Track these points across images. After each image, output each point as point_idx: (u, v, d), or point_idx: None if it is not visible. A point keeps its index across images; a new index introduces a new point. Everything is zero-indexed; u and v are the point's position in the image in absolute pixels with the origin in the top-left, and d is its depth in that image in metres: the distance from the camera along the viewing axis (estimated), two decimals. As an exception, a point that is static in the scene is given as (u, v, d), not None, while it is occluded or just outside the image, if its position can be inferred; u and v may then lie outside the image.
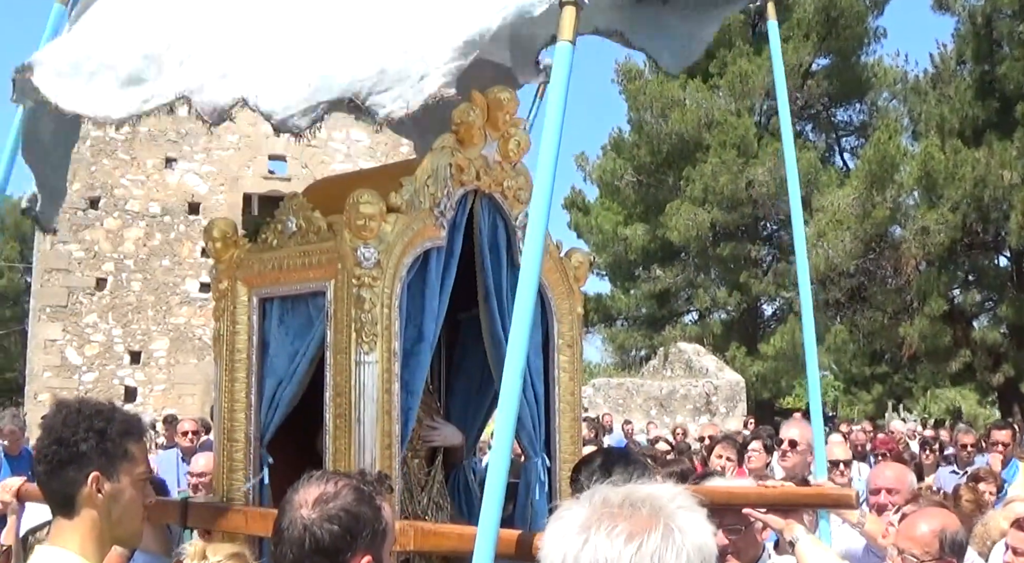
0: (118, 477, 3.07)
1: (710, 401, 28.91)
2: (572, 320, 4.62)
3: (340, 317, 3.73)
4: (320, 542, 2.74)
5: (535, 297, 2.96)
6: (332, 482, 2.83)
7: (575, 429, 4.62)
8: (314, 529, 2.74)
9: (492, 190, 4.24)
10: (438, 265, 4.01)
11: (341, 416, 3.70)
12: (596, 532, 1.84)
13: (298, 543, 2.76)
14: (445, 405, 4.97)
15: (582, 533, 1.85)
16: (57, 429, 3.06)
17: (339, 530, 2.75)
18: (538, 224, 3.01)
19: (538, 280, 2.97)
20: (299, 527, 2.77)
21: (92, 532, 3.04)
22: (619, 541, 1.82)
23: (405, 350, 3.92)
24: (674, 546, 1.82)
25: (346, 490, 2.81)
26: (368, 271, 3.68)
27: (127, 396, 28.29)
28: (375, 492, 2.87)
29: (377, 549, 2.83)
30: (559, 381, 4.56)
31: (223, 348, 4.13)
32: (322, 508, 2.77)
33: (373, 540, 2.81)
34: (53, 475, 3.06)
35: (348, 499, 2.79)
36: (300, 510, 2.78)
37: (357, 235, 3.69)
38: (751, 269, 36.34)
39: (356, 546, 2.77)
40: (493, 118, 4.17)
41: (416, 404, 3.99)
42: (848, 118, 41.57)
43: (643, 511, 1.87)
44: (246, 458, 4.03)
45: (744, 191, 33.90)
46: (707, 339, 35.86)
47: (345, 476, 2.89)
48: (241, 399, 4.07)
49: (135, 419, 3.24)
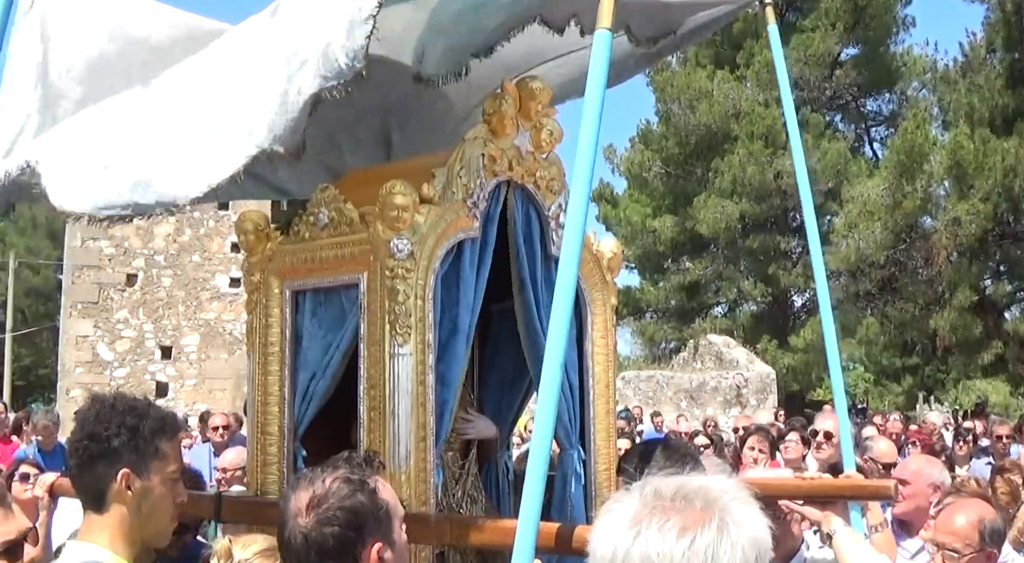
0: (149, 475, 3.05)
1: (740, 393, 28.77)
2: (605, 311, 4.58)
3: (374, 309, 3.70)
4: (324, 547, 2.71)
5: (574, 288, 2.92)
6: (320, 481, 2.78)
7: (609, 421, 4.59)
8: (314, 536, 2.70)
9: (525, 181, 4.20)
10: (472, 256, 3.98)
11: (375, 409, 3.67)
12: (648, 526, 1.79)
13: (303, 553, 2.73)
14: (479, 397, 4.95)
15: (633, 527, 1.80)
16: (90, 423, 3.04)
17: (340, 530, 2.71)
18: (577, 214, 2.97)
19: (577, 272, 2.93)
20: (299, 537, 2.73)
21: (121, 528, 3.02)
22: (671, 535, 1.77)
23: (440, 343, 3.89)
24: (728, 540, 1.77)
25: (336, 485, 2.76)
26: (401, 262, 3.65)
27: (158, 391, 28.44)
28: (366, 476, 2.83)
29: (385, 532, 2.79)
30: (593, 372, 4.53)
31: (256, 341, 4.11)
32: (316, 512, 2.72)
33: (378, 526, 2.77)
34: (84, 469, 3.05)
35: (340, 494, 2.75)
36: (296, 519, 2.74)
37: (390, 227, 3.67)
38: (780, 261, 36.15)
39: (363, 538, 2.74)
40: (525, 108, 4.13)
41: (452, 397, 3.96)
42: (877, 108, 41.31)
43: (696, 504, 1.82)
44: (280, 452, 4.01)
45: (773, 182, 33.71)
46: (737, 331, 35.70)
47: (332, 468, 2.84)
48: (274, 392, 4.05)
49: (170, 417, 3.22)
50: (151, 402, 3.21)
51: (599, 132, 2.98)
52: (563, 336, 2.86)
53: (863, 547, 4.22)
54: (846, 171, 34.22)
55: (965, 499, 4.60)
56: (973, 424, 16.70)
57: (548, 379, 2.84)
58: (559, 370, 2.85)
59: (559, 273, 2.92)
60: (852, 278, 33.58)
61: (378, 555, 2.76)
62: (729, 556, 1.76)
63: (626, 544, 1.79)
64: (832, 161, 34.59)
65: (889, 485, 4.64)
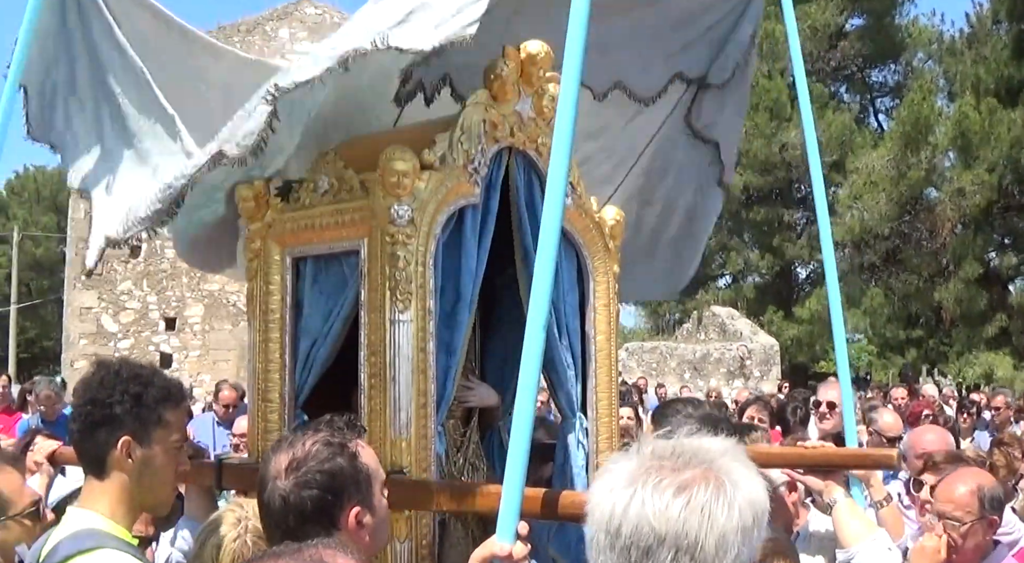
0: (151, 443, 3.04)
1: (744, 365, 28.83)
2: (608, 280, 4.56)
3: (374, 276, 3.68)
4: (303, 510, 2.70)
5: (557, 248, 2.92)
6: (300, 444, 2.77)
7: (612, 390, 4.57)
8: (292, 499, 2.70)
9: (527, 147, 4.17)
10: (474, 223, 3.96)
11: (376, 375, 3.66)
12: (644, 485, 1.78)
13: (281, 515, 2.72)
14: (480, 365, 4.94)
15: (629, 487, 1.80)
16: (93, 389, 3.03)
17: (318, 493, 2.70)
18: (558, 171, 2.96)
19: (560, 228, 2.94)
20: (278, 500, 2.72)
21: (122, 496, 3.01)
22: (667, 494, 1.76)
23: (444, 310, 3.88)
24: (725, 500, 1.76)
25: (316, 448, 2.76)
26: (402, 229, 3.63)
27: (162, 362, 28.46)
28: (347, 440, 2.82)
29: (364, 497, 2.78)
30: (595, 341, 4.51)
31: (256, 309, 4.10)
32: (295, 475, 2.71)
33: (357, 490, 2.77)
34: (85, 435, 3.04)
35: (320, 457, 2.74)
36: (276, 481, 2.74)
37: (390, 193, 3.64)
38: (785, 233, 36.15)
39: (341, 502, 2.73)
40: (527, 73, 4.09)
41: (456, 364, 3.94)
42: (883, 79, 41.21)
43: (692, 463, 1.81)
44: (281, 419, 4.00)
45: (777, 155, 33.67)
46: (741, 303, 35.71)
47: (314, 431, 2.83)
48: (275, 359, 4.04)
49: (175, 385, 3.20)
50: (156, 370, 3.19)
51: (578, 89, 2.98)
52: (547, 296, 2.87)
53: (863, 518, 4.22)
54: (851, 142, 34.14)
55: (963, 469, 4.60)
56: (979, 397, 16.72)
57: (531, 339, 2.85)
58: (542, 330, 2.86)
59: (540, 231, 2.92)
60: (856, 250, 33.54)
61: (356, 519, 2.75)
62: (726, 516, 1.75)
63: (623, 503, 1.78)
64: (837, 132, 34.50)
65: (892, 454, 4.64)
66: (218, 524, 3.30)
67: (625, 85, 5.09)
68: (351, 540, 2.65)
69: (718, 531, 1.74)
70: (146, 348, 28.93)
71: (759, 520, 1.79)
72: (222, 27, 28.24)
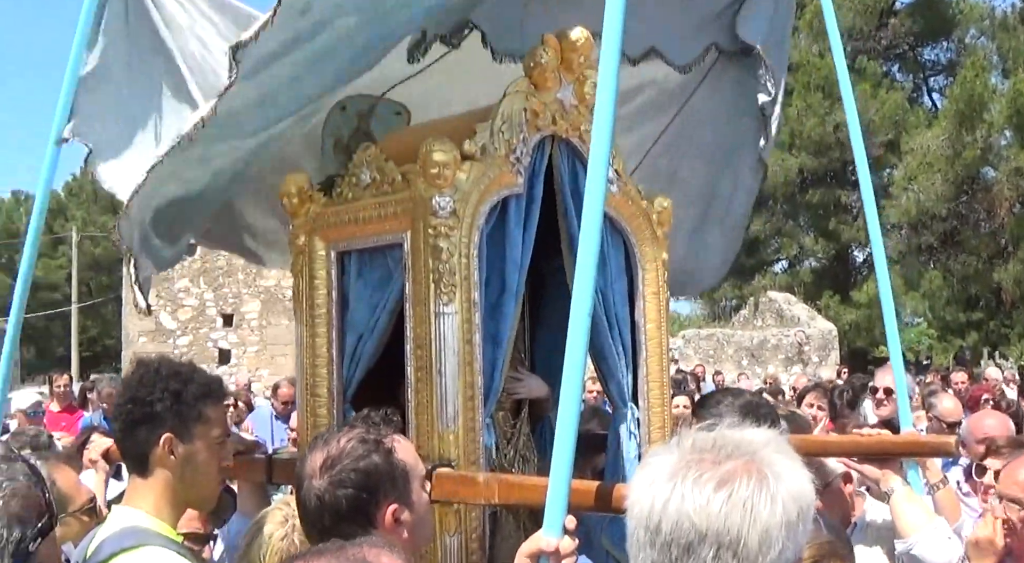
0: (192, 439, 3.05)
1: (802, 350, 28.60)
2: (657, 267, 4.50)
3: (418, 268, 3.66)
4: (338, 509, 2.68)
5: (599, 236, 2.87)
6: (335, 441, 2.75)
7: (663, 378, 4.52)
8: (327, 498, 2.68)
9: (569, 135, 4.12)
10: (518, 213, 3.92)
11: (422, 368, 3.63)
12: (684, 480, 1.73)
13: (317, 515, 2.70)
14: (530, 356, 4.90)
15: (669, 481, 1.74)
16: (133, 387, 3.04)
17: (353, 492, 2.67)
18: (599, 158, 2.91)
19: (603, 215, 2.89)
20: (313, 499, 2.70)
21: (165, 493, 3.02)
22: (708, 489, 1.71)
23: (490, 302, 3.84)
24: (767, 493, 1.70)
25: (351, 445, 2.73)
26: (444, 220, 3.60)
27: (221, 358, 28.75)
28: (382, 436, 2.80)
29: (401, 494, 2.75)
30: (645, 329, 4.46)
31: (303, 304, 4.09)
32: (330, 474, 2.69)
33: (394, 487, 2.74)
34: (127, 433, 3.05)
35: (354, 455, 2.71)
36: (311, 480, 2.71)
37: (431, 184, 3.61)
38: (841, 215, 35.79)
39: (377, 500, 2.70)
40: (567, 60, 4.04)
41: (503, 356, 3.90)
42: (935, 57, 40.71)
43: (734, 456, 1.75)
44: (330, 413, 3.98)
45: (831, 135, 33.32)
46: (798, 288, 35.46)
47: (349, 428, 2.81)
48: (323, 354, 4.02)
49: (215, 382, 3.21)
50: (196, 367, 3.20)
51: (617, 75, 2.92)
52: (591, 283, 2.83)
53: (921, 506, 4.14)
54: (904, 122, 33.72)
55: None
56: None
57: (576, 328, 2.80)
58: (586, 320, 2.81)
59: (583, 219, 2.87)
60: (914, 231, 33.14)
61: (393, 517, 2.73)
62: (769, 510, 1.69)
63: (663, 498, 1.73)
64: (890, 112, 34.09)
65: (950, 441, 4.55)
66: (265, 523, 3.29)
67: (659, 50, 4.98)
68: (389, 539, 2.63)
69: (761, 526, 1.69)
70: (204, 344, 29.23)
71: (804, 514, 1.73)
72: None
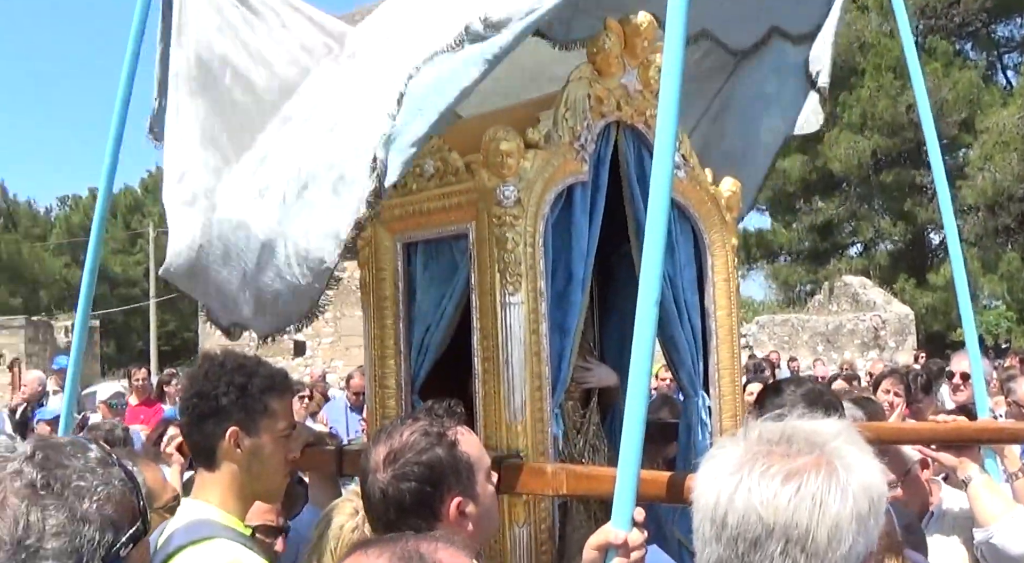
0: (258, 432, 3.06)
1: (878, 335, 28.23)
2: (726, 252, 4.45)
3: (483, 259, 3.64)
4: (402, 503, 2.67)
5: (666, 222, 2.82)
6: (398, 434, 2.74)
7: (734, 366, 4.46)
8: (391, 492, 2.67)
9: (635, 121, 4.07)
10: (583, 201, 3.88)
11: (489, 359, 3.61)
12: (750, 473, 1.68)
13: (382, 508, 2.69)
14: (599, 345, 4.87)
15: (735, 474, 1.70)
16: (199, 382, 3.06)
17: (416, 485, 2.66)
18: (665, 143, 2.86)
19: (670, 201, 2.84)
20: (377, 492, 2.70)
21: (232, 486, 3.04)
22: (775, 482, 1.65)
23: (556, 291, 3.81)
24: (838, 486, 1.64)
25: (414, 438, 2.72)
26: (509, 210, 3.57)
27: (296, 350, 29.01)
28: (445, 429, 2.78)
29: (465, 486, 2.73)
30: (716, 316, 4.41)
31: (370, 296, 4.10)
32: (393, 467, 2.68)
33: (458, 480, 2.72)
34: (194, 427, 3.07)
35: (417, 448, 2.70)
36: (375, 474, 2.71)
37: (495, 174, 3.59)
38: (916, 196, 35.22)
39: (441, 493, 2.69)
40: (631, 45, 3.99)
41: (570, 345, 3.87)
42: (1009, 33, 39.91)
43: (802, 448, 1.70)
44: (398, 405, 3.98)
45: (904, 115, 32.76)
46: (873, 271, 34.99)
47: (412, 420, 2.80)
48: (390, 346, 4.02)
49: (280, 375, 3.22)
50: (260, 360, 3.21)
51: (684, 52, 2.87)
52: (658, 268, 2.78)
53: (1000, 495, 4.05)
54: (979, 101, 33.07)
55: None
56: None
57: (644, 314, 2.76)
58: (654, 308, 2.76)
59: (649, 205, 2.83)
60: (990, 212, 32.53)
61: (458, 509, 2.71)
62: (839, 504, 1.63)
63: (728, 491, 1.69)
64: (964, 91, 33.47)
65: (1032, 428, 4.45)
66: (335, 514, 3.30)
67: (712, 34, 4.90)
68: (454, 531, 2.61)
69: (831, 520, 1.63)
70: (279, 337, 29.43)
71: (876, 507, 1.67)
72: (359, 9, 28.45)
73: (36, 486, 1.52)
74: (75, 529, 1.51)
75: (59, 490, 1.53)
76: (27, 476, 1.53)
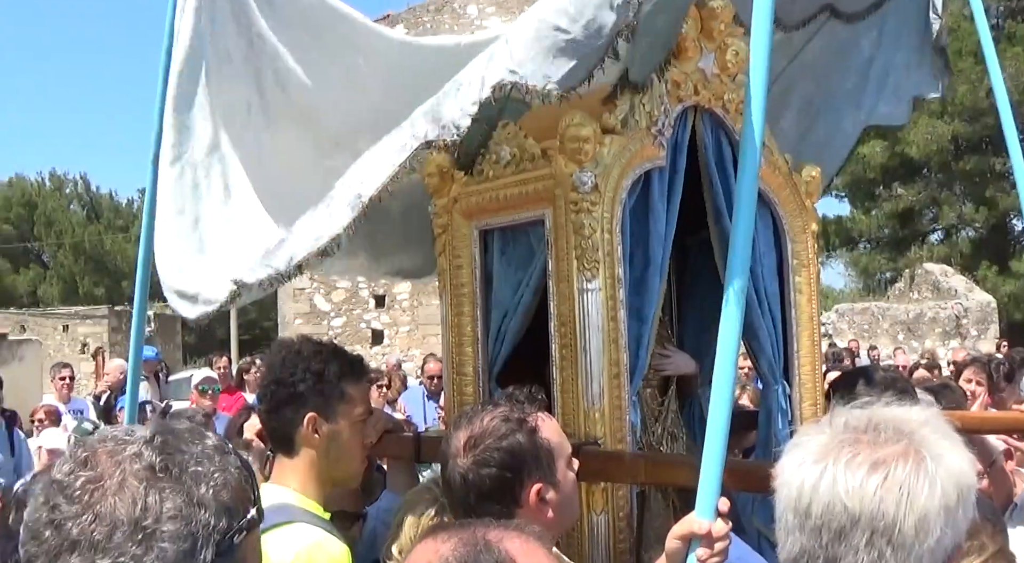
0: (336, 418, 3.08)
1: (960, 324, 27.75)
2: (806, 239, 4.39)
3: (560, 245, 3.62)
4: (482, 488, 2.66)
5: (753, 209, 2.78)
6: (479, 420, 2.73)
7: (814, 354, 4.40)
8: (471, 477, 2.66)
9: (712, 105, 4.02)
10: (661, 186, 3.84)
11: (567, 346, 3.60)
12: (836, 461, 1.63)
13: (462, 494, 2.69)
14: (677, 333, 4.82)
15: (819, 462, 1.65)
16: (276, 369, 3.08)
17: (496, 471, 2.65)
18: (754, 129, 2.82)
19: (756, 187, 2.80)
20: (457, 478, 2.69)
21: (311, 471, 3.06)
22: (861, 472, 1.61)
23: (634, 277, 3.78)
24: (926, 476, 1.59)
25: (494, 424, 2.70)
26: (586, 196, 3.55)
27: (374, 339, 29.19)
28: (526, 414, 2.76)
29: (546, 472, 2.72)
30: (796, 304, 4.34)
31: (447, 283, 4.10)
32: (473, 453, 2.67)
33: (538, 466, 2.70)
34: (272, 414, 3.10)
35: (497, 434, 2.69)
36: (456, 459, 2.70)
37: (572, 159, 3.56)
38: (998, 183, 34.53)
39: (521, 479, 2.67)
40: (707, 28, 3.94)
41: (648, 332, 3.84)
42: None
43: (889, 436, 1.65)
44: (476, 392, 3.98)
45: (984, 101, 32.10)
46: (954, 258, 34.39)
47: (493, 406, 2.78)
48: (468, 333, 4.02)
49: (356, 361, 3.24)
50: (337, 346, 3.23)
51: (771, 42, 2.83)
52: (746, 255, 2.74)
53: None
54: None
55: None
56: None
57: (730, 302, 2.72)
58: (740, 296, 2.72)
59: (736, 191, 2.79)
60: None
61: (538, 496, 2.70)
62: (927, 494, 1.58)
63: (812, 480, 1.64)
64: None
65: (1123, 415, 4.34)
66: (415, 503, 3.31)
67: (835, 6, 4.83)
68: (534, 518, 2.60)
69: (918, 511, 1.58)
70: (358, 326, 29.70)
71: (964, 498, 1.62)
72: (412, 8, 28.57)
73: (155, 469, 1.54)
74: (191, 513, 1.53)
75: (177, 474, 1.55)
76: (146, 459, 1.55)
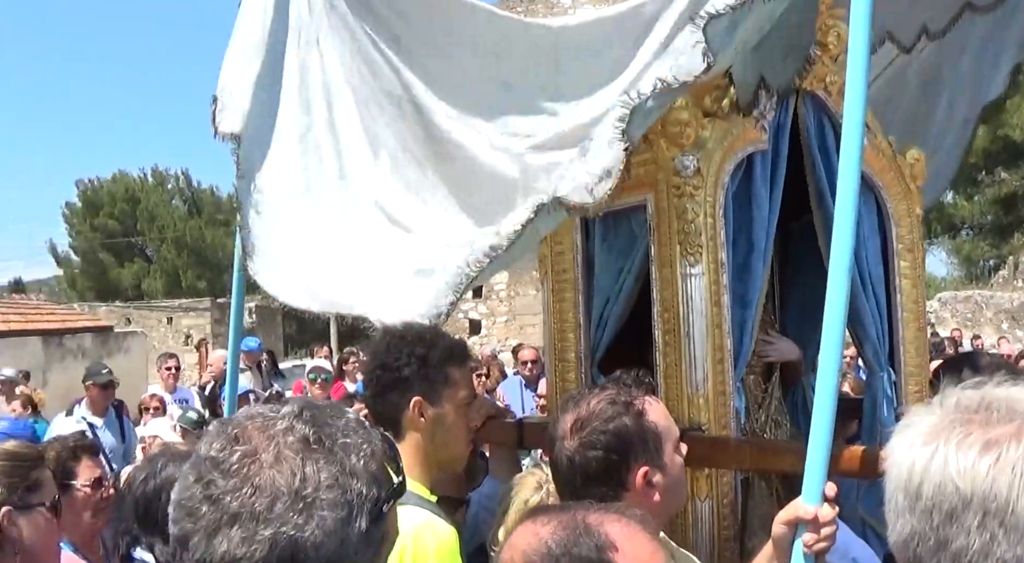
0: (441, 402, 3.11)
1: (1068, 312, 27.10)
2: (911, 222, 4.31)
3: (663, 230, 3.61)
4: (588, 471, 2.66)
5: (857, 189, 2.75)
6: (585, 402, 2.73)
7: (920, 340, 4.33)
8: (578, 459, 2.67)
9: (814, 87, 3.97)
10: (763, 171, 3.81)
11: (670, 332, 3.59)
12: (947, 442, 1.58)
13: (569, 476, 2.69)
14: (781, 319, 4.77)
15: (930, 443, 1.60)
16: (381, 354, 3.13)
17: (603, 453, 2.65)
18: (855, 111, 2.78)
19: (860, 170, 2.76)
20: (564, 460, 2.69)
21: (417, 455, 3.09)
22: (973, 452, 1.56)
23: (737, 262, 3.76)
24: None
25: (601, 406, 2.71)
26: (688, 180, 3.53)
27: (472, 329, 29.37)
28: (633, 398, 2.75)
29: (653, 456, 2.71)
30: (901, 289, 4.27)
31: (549, 269, 4.12)
32: (580, 435, 2.68)
33: (645, 450, 2.70)
34: (378, 399, 3.14)
35: (604, 417, 2.69)
36: (563, 442, 2.71)
37: (674, 144, 3.55)
38: (1106, 164, 33.62)
39: (628, 462, 2.67)
40: (809, 10, 3.91)
41: (752, 317, 3.81)
42: None
43: (1002, 416, 1.60)
44: (578, 378, 3.99)
45: (1095, 82, 31.30)
46: (1062, 244, 33.53)
47: (600, 389, 2.78)
48: (570, 319, 4.04)
49: (459, 345, 3.27)
50: (439, 331, 3.26)
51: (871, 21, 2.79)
52: (850, 242, 2.70)
53: None
54: None
55: None
56: None
57: (835, 288, 2.69)
58: (846, 279, 2.69)
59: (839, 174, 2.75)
60: None
61: (644, 479, 2.70)
62: None
63: (923, 461, 1.60)
64: None
65: None
66: (520, 489, 3.33)
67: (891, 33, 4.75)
68: (640, 501, 2.60)
69: None
70: (456, 316, 29.85)
71: None
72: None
73: (308, 441, 1.59)
74: (346, 482, 1.57)
75: (329, 446, 1.60)
76: (299, 432, 1.60)
